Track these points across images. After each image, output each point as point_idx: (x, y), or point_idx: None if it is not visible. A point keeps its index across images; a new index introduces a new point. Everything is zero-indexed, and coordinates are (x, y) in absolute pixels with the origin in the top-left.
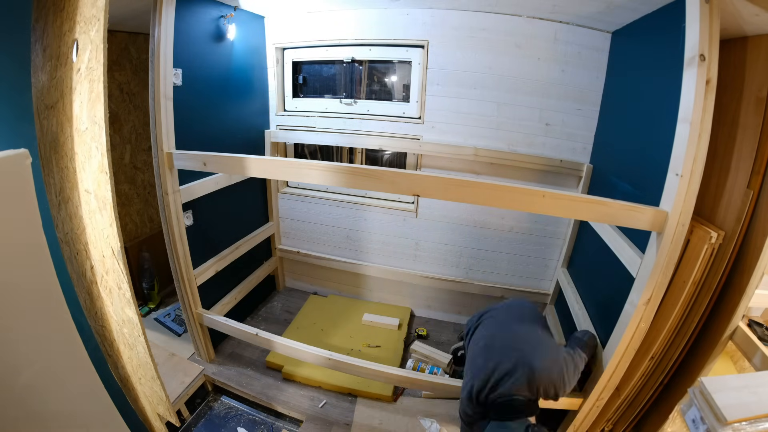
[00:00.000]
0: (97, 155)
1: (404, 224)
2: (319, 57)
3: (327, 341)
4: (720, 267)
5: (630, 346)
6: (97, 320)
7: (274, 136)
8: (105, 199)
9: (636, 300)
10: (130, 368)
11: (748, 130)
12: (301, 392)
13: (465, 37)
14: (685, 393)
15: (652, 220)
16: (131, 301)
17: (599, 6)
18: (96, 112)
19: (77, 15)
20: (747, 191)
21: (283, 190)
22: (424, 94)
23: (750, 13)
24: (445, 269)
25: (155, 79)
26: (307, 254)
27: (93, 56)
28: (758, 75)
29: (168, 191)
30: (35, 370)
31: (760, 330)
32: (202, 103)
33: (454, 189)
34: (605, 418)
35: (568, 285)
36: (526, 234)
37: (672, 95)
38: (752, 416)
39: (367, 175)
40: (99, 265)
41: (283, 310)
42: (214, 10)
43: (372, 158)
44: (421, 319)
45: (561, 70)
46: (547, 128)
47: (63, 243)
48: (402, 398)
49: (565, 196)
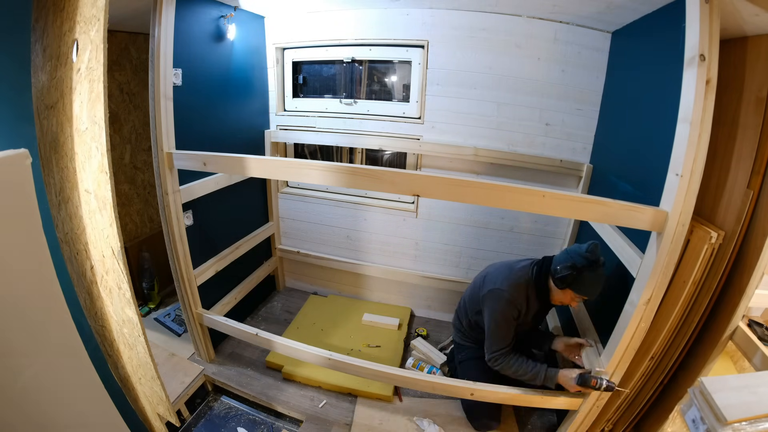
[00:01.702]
0: (97, 155)
1: (404, 224)
2: (319, 57)
3: (327, 341)
4: (720, 267)
5: (630, 346)
6: (97, 320)
7: (274, 136)
8: (105, 199)
9: (636, 300)
10: (130, 368)
11: (748, 130)
12: (301, 392)
13: (465, 37)
14: (685, 393)
15: (652, 220)
16: (131, 301)
17: (599, 6)
18: (96, 112)
19: (77, 15)
20: (747, 191)
21: (283, 190)
22: (424, 94)
23: (750, 13)
24: (445, 269)
25: (155, 79)
26: (307, 254)
27: (93, 56)
28: (758, 75)
29: (168, 191)
30: (35, 371)
31: (760, 330)
32: (202, 103)
33: (454, 189)
34: (605, 418)
35: None
36: (526, 234)
37: (672, 95)
38: (752, 416)
39: (367, 175)
40: (99, 265)
41: (283, 310)
42: (214, 10)
43: (372, 158)
44: (421, 319)
45: (561, 70)
46: (547, 128)
47: (63, 243)
48: (402, 398)
49: (565, 196)
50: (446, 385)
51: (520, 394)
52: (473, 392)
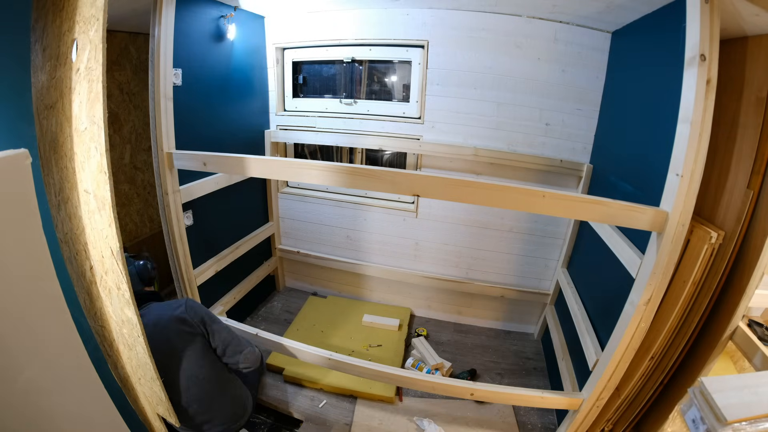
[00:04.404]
0: (96, 155)
1: (404, 224)
2: (319, 57)
3: (328, 343)
4: (720, 267)
5: (630, 346)
6: (96, 320)
7: (274, 136)
8: (104, 199)
9: (636, 300)
10: (129, 368)
11: (748, 130)
12: (302, 392)
13: (465, 37)
14: (685, 393)
15: (652, 220)
16: (130, 302)
17: (599, 6)
18: (95, 112)
19: (76, 15)
20: (747, 191)
21: (283, 190)
22: (424, 94)
23: (750, 13)
24: (445, 269)
25: (155, 79)
26: (307, 254)
27: (92, 56)
28: (758, 75)
29: (168, 191)
30: (35, 371)
31: (760, 330)
32: (202, 103)
33: (454, 189)
34: (605, 418)
35: (567, 285)
36: (526, 234)
37: (672, 95)
38: (752, 416)
39: (367, 175)
40: (98, 265)
41: (283, 310)
42: (214, 10)
43: (372, 158)
44: (421, 319)
45: (561, 70)
46: (547, 128)
47: (63, 243)
48: (403, 398)
49: (565, 196)
50: (446, 385)
51: (520, 394)
52: (473, 392)
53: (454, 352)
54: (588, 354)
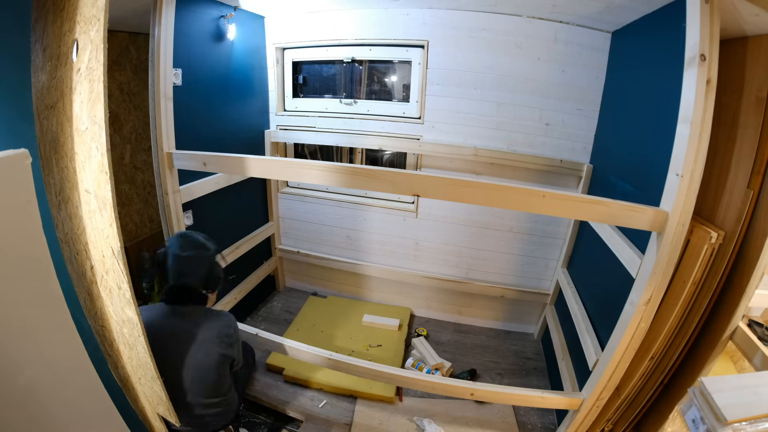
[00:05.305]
0: (97, 155)
1: (404, 224)
2: (319, 57)
3: (327, 343)
4: (720, 267)
5: (630, 346)
6: (97, 320)
7: (274, 136)
8: (105, 199)
9: (636, 300)
10: (129, 368)
11: (748, 130)
12: (301, 392)
13: (465, 37)
14: (685, 393)
15: (652, 221)
16: (131, 302)
17: (599, 6)
18: (96, 112)
19: (77, 15)
20: (747, 191)
21: (283, 190)
22: (424, 94)
23: (750, 13)
24: (445, 269)
25: (155, 79)
26: (307, 254)
27: (93, 56)
28: (758, 75)
29: (168, 191)
30: (35, 371)
31: (760, 330)
32: (202, 103)
33: (454, 189)
34: (605, 418)
35: (567, 285)
36: (526, 234)
37: (672, 95)
38: (752, 416)
39: (367, 175)
40: (99, 265)
41: (283, 310)
42: (214, 10)
43: (372, 158)
44: (421, 319)
45: (561, 70)
46: (547, 128)
47: (63, 243)
48: (403, 398)
49: (565, 196)
50: (446, 385)
51: (520, 394)
52: (473, 392)
53: (454, 352)
54: (588, 354)
